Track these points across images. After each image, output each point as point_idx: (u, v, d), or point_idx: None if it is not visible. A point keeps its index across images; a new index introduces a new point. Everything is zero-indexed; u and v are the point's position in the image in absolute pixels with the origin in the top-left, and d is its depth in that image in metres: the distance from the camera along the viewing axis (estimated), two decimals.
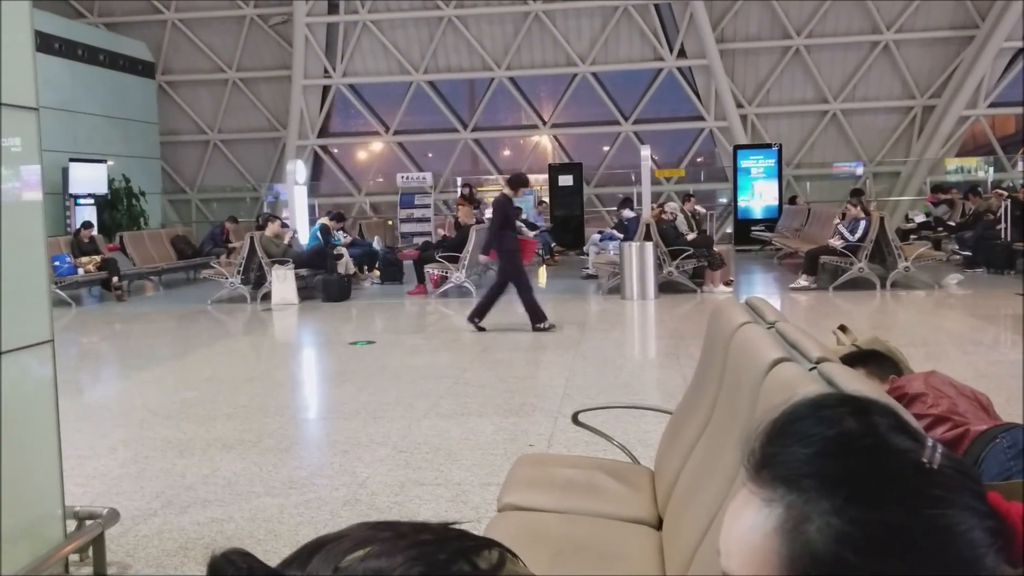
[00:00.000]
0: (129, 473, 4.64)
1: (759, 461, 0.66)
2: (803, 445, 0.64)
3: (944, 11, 19.37)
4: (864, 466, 0.62)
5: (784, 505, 0.63)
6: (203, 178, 22.47)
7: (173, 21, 21.13)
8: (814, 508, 0.61)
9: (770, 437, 0.67)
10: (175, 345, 9.39)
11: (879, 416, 0.66)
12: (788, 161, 20.03)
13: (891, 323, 9.37)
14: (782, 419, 0.67)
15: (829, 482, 0.62)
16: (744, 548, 0.64)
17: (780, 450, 0.65)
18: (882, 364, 2.71)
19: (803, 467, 0.63)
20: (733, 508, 0.67)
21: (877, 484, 0.61)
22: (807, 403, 0.68)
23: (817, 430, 0.65)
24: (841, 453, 0.63)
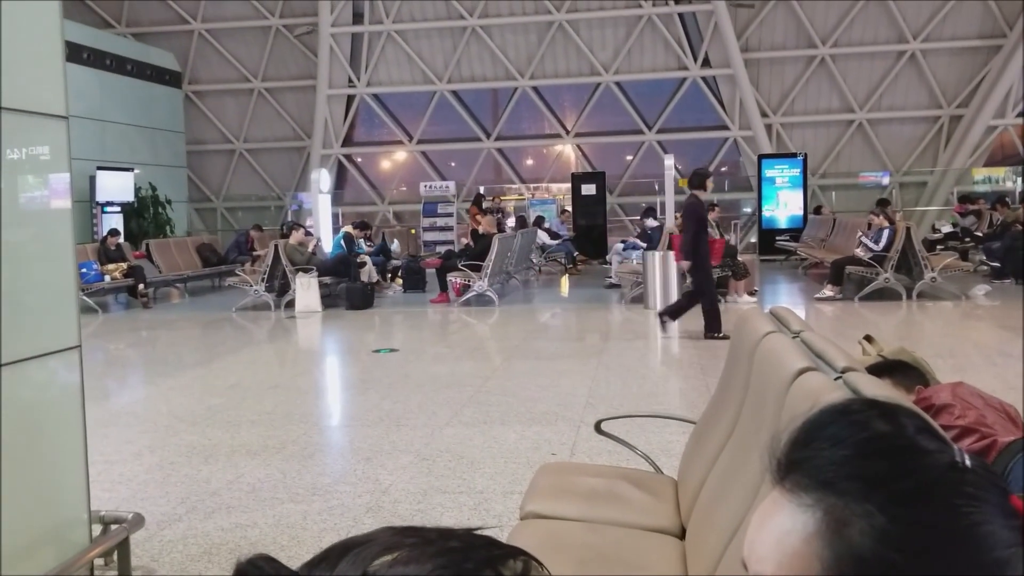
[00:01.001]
0: (154, 478, 4.68)
1: (788, 466, 0.66)
2: (836, 448, 0.64)
3: (971, 20, 19.21)
4: (902, 465, 0.62)
5: (823, 509, 0.62)
6: (228, 187, 22.67)
7: (200, 31, 21.38)
8: (855, 510, 0.61)
9: (798, 443, 0.67)
10: (200, 352, 9.46)
11: (906, 418, 0.66)
12: (813, 171, 19.90)
13: (918, 334, 9.27)
14: (809, 424, 0.67)
15: (868, 483, 0.62)
16: (781, 553, 0.64)
17: (811, 454, 0.65)
18: (908, 374, 2.68)
19: (839, 469, 0.63)
20: (761, 515, 0.67)
21: (916, 483, 0.61)
22: (833, 408, 0.68)
23: (849, 433, 0.65)
24: (877, 454, 0.63)
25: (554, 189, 21.90)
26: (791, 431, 0.68)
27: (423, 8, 20.50)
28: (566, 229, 18.81)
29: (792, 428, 0.68)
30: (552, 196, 21.33)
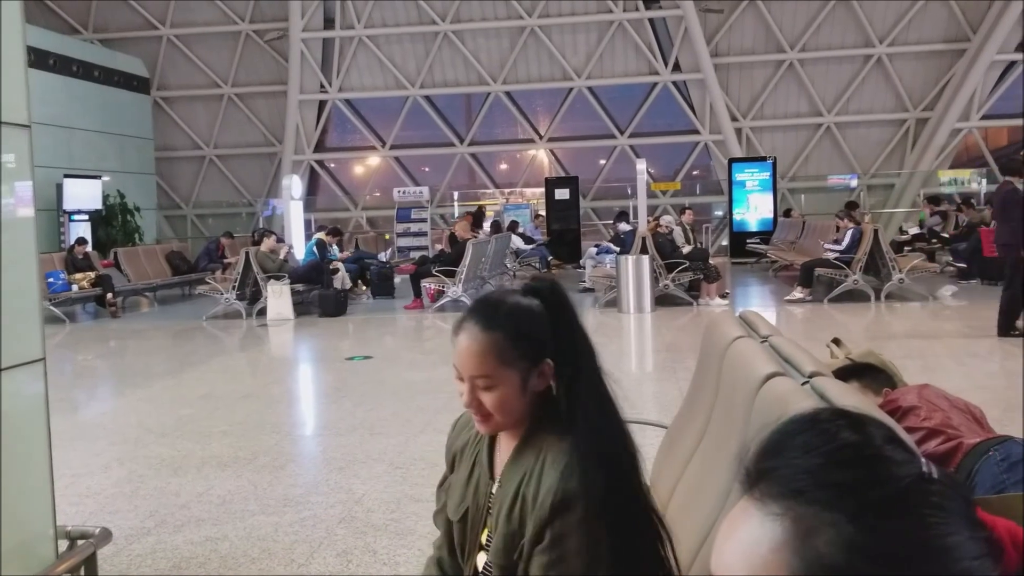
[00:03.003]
0: (123, 492, 4.61)
1: (757, 475, 0.66)
2: (805, 458, 0.64)
3: (936, 24, 19.49)
4: (870, 475, 0.63)
5: (791, 518, 0.62)
6: (198, 193, 22.48)
7: (168, 37, 21.20)
8: (823, 519, 0.61)
9: (766, 452, 0.67)
10: (170, 362, 9.36)
11: (874, 428, 0.66)
12: (783, 174, 20.09)
13: (886, 335, 9.36)
14: (778, 434, 0.67)
15: (835, 493, 0.62)
16: (749, 562, 0.64)
17: (780, 464, 0.65)
18: (876, 377, 2.71)
19: (808, 479, 0.63)
20: (729, 523, 0.67)
21: (885, 493, 0.62)
22: (803, 418, 0.68)
23: (818, 442, 0.65)
24: (845, 463, 0.63)
25: (528, 194, 21.94)
26: (760, 440, 0.68)
27: (395, 13, 20.46)
28: (540, 234, 18.84)
29: (761, 437, 0.68)
30: (526, 201, 21.37)
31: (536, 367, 1.56)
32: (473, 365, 1.54)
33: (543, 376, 1.57)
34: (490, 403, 1.55)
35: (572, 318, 1.62)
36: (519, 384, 1.55)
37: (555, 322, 1.58)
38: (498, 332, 1.53)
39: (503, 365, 1.53)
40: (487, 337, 1.53)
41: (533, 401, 1.58)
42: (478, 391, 1.55)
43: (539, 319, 1.57)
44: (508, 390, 1.54)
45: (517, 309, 1.57)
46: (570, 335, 1.59)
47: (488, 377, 1.54)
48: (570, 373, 1.57)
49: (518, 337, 1.54)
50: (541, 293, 1.60)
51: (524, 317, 1.56)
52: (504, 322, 1.54)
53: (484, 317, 1.56)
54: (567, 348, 1.58)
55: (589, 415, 1.55)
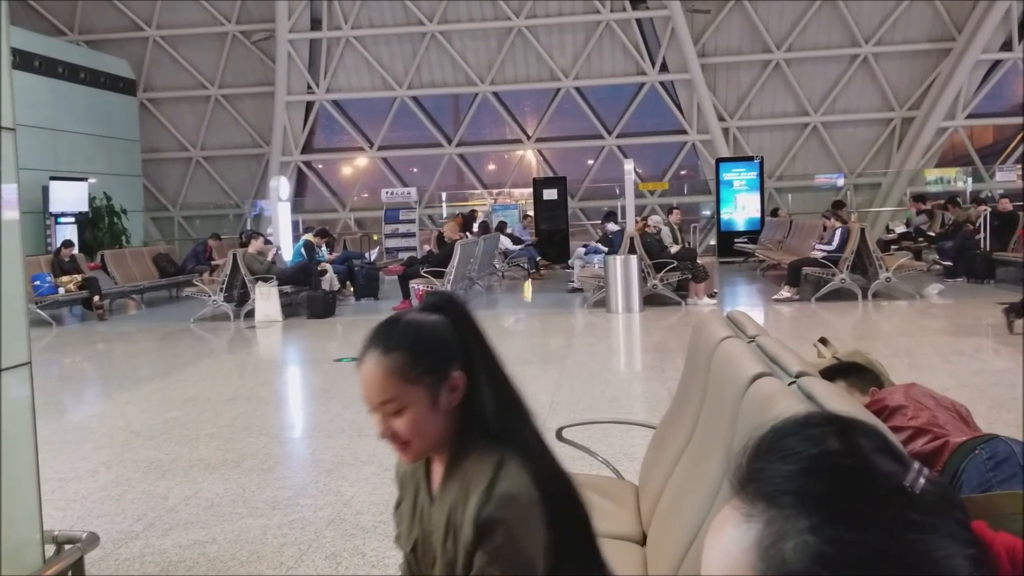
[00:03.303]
0: (110, 496, 4.59)
1: (744, 476, 0.66)
2: (786, 462, 0.64)
3: (922, 24, 19.60)
4: (844, 486, 0.62)
5: (763, 521, 0.62)
6: (185, 195, 22.39)
7: (155, 38, 21.11)
8: (792, 525, 0.61)
9: (757, 453, 0.67)
10: (158, 364, 9.32)
11: (864, 437, 0.65)
12: (770, 173, 20.16)
13: (874, 333, 9.41)
14: (769, 435, 0.67)
15: (808, 500, 0.61)
16: (722, 562, 0.64)
17: (765, 466, 0.65)
18: (862, 376, 2.72)
19: (784, 484, 0.63)
20: (716, 522, 0.67)
21: (856, 505, 0.61)
22: (794, 421, 0.68)
23: (801, 448, 0.65)
24: (822, 472, 0.63)
25: (516, 194, 21.94)
26: (751, 440, 0.68)
27: (382, 14, 20.43)
28: (528, 234, 18.85)
29: (753, 437, 0.68)
30: (514, 201, 21.37)
31: (444, 380, 1.50)
32: (377, 390, 1.49)
33: (455, 389, 1.51)
34: (403, 429, 1.49)
35: (475, 327, 1.57)
36: (429, 402, 1.49)
37: (459, 333, 1.54)
38: (397, 351, 1.49)
39: (408, 384, 1.48)
40: (387, 359, 1.49)
41: (451, 418, 1.52)
42: (389, 418, 1.50)
43: (441, 331, 1.53)
44: (419, 410, 1.48)
45: (415, 325, 1.53)
46: (476, 344, 1.55)
47: (395, 400, 1.48)
48: (481, 382, 1.52)
49: (419, 352, 1.49)
50: (441, 307, 1.56)
51: (424, 331, 1.52)
52: (402, 340, 1.50)
53: (382, 340, 1.52)
54: (475, 357, 1.53)
55: (505, 424, 1.51)
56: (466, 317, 1.57)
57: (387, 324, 1.56)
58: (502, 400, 1.53)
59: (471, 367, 1.52)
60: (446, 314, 1.55)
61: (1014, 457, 2.15)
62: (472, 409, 1.52)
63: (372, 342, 1.53)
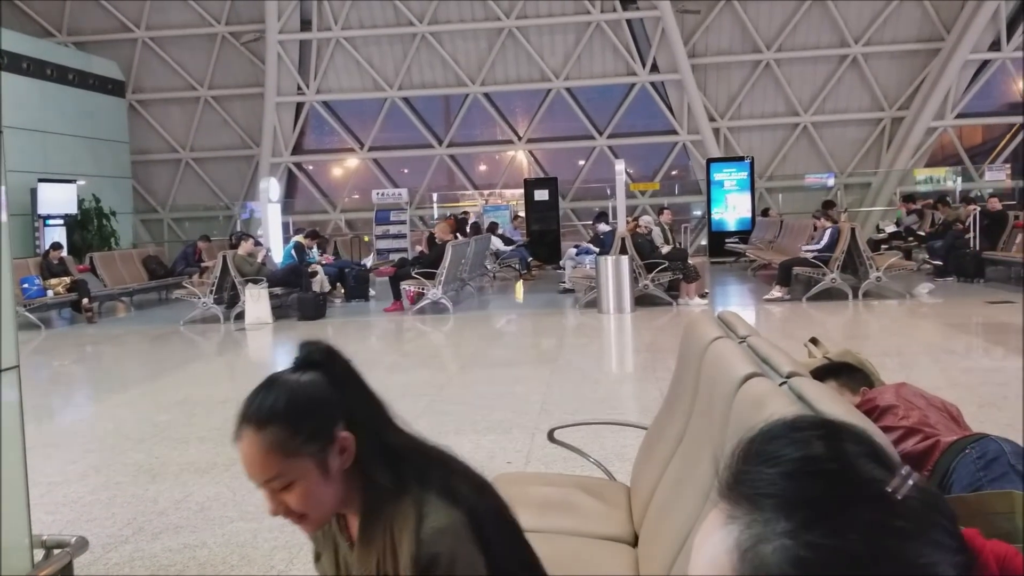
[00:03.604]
0: (100, 499, 4.56)
1: (730, 479, 0.66)
2: (769, 465, 0.64)
3: (911, 24, 19.68)
4: (825, 490, 0.61)
5: (745, 523, 0.62)
6: (175, 197, 22.32)
7: (143, 39, 21.03)
8: (772, 528, 0.61)
9: (743, 455, 0.67)
10: (147, 367, 9.29)
11: (850, 442, 0.65)
12: (760, 174, 20.21)
13: (864, 333, 9.44)
14: (755, 438, 0.67)
15: (788, 504, 0.61)
16: (706, 563, 0.64)
17: (749, 469, 0.65)
18: (853, 376, 2.73)
19: (766, 487, 0.63)
20: (705, 524, 0.67)
21: (836, 510, 0.60)
22: (781, 424, 0.68)
23: (785, 451, 0.65)
24: (804, 475, 0.63)
25: (507, 195, 21.94)
26: (740, 441, 0.68)
27: (372, 15, 20.41)
28: (520, 235, 18.85)
29: (742, 438, 0.68)
30: (505, 202, 21.37)
31: (331, 444, 1.40)
32: (259, 470, 1.38)
33: (344, 450, 1.42)
34: (296, 503, 1.40)
35: (354, 378, 1.49)
36: (318, 471, 1.39)
37: (338, 388, 1.44)
38: (273, 425, 1.37)
39: (290, 458, 1.37)
40: (263, 436, 1.37)
41: (349, 476, 1.43)
42: (278, 495, 1.40)
43: (317, 392, 1.42)
44: (308, 482, 1.39)
45: (288, 392, 1.41)
46: (357, 397, 1.46)
47: (280, 477, 1.38)
48: (369, 436, 1.44)
49: (297, 421, 1.38)
50: (316, 362, 1.46)
51: (298, 396, 1.40)
52: (276, 411, 1.38)
53: (255, 415, 1.39)
54: (361, 410, 1.45)
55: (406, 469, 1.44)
56: (343, 369, 1.47)
57: (258, 394, 1.42)
58: (394, 448, 1.45)
59: (356, 422, 1.43)
60: (321, 369, 1.45)
61: (1004, 456, 2.16)
62: (369, 463, 1.43)
63: (244, 417, 1.40)
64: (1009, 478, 2.09)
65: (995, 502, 1.86)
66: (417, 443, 1.51)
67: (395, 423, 1.51)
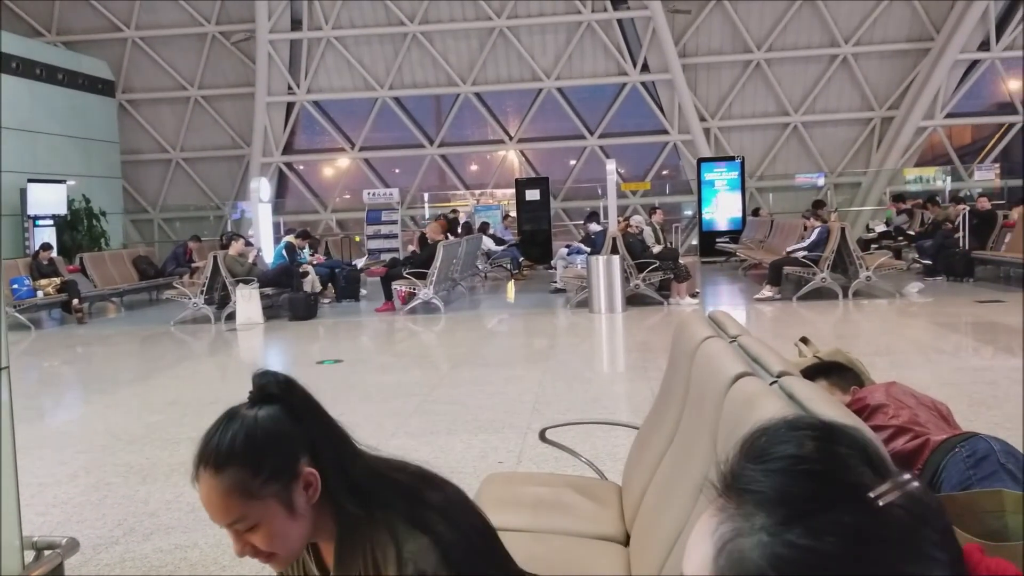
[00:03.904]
0: (90, 500, 4.55)
1: (725, 474, 0.67)
2: (760, 461, 0.65)
3: (900, 24, 19.77)
4: (807, 490, 0.62)
5: (728, 515, 0.63)
6: (165, 197, 22.25)
7: (133, 39, 20.96)
8: (752, 523, 0.62)
9: (740, 451, 0.67)
10: (138, 368, 9.26)
11: (844, 445, 0.65)
12: (751, 173, 20.26)
13: (854, 332, 9.47)
14: (755, 434, 0.68)
15: (771, 500, 0.62)
16: (694, 556, 0.65)
17: (743, 464, 0.66)
18: (843, 375, 2.74)
19: (752, 482, 0.64)
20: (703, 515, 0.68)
21: (815, 511, 0.61)
22: (781, 422, 0.68)
23: (777, 448, 0.65)
24: (789, 473, 0.63)
25: (499, 195, 21.95)
26: (740, 440, 0.68)
27: (363, 14, 20.38)
28: (511, 235, 18.85)
29: (744, 436, 0.68)
30: (497, 202, 21.37)
31: (295, 481, 1.35)
32: (220, 514, 1.33)
33: (309, 485, 1.36)
34: (263, 543, 1.34)
35: (314, 409, 1.43)
36: (283, 510, 1.34)
37: (298, 420, 1.38)
38: (231, 467, 1.32)
39: (253, 500, 1.32)
40: (222, 479, 1.32)
41: (317, 510, 1.38)
42: (243, 536, 1.35)
43: (276, 427, 1.36)
44: (274, 523, 1.33)
45: (246, 430, 1.34)
46: (319, 429, 1.40)
47: (243, 519, 1.33)
48: (336, 466, 1.38)
49: (257, 460, 1.32)
50: (272, 395, 1.39)
51: (256, 434, 1.34)
52: (234, 451, 1.32)
53: (213, 456, 1.33)
54: (323, 442, 1.39)
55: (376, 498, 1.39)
56: (302, 401, 1.41)
57: (215, 432, 1.36)
58: (359, 479, 1.40)
59: (319, 455, 1.38)
60: (279, 402, 1.39)
61: (993, 455, 2.17)
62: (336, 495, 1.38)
63: (201, 459, 1.34)
64: (998, 476, 2.10)
65: (984, 500, 1.87)
66: (383, 471, 1.45)
67: (359, 452, 1.45)
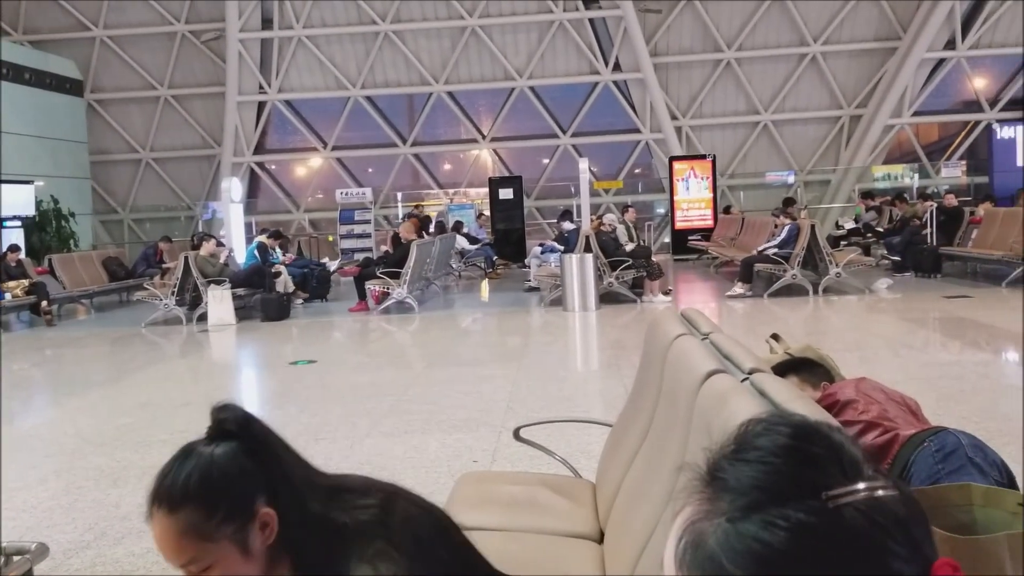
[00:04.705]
0: (60, 504, 4.50)
1: (710, 459, 0.68)
2: (735, 452, 0.66)
3: (868, 23, 19.99)
4: (770, 484, 0.63)
5: (698, 499, 0.65)
6: (135, 197, 22.03)
7: (102, 38, 20.72)
8: (715, 507, 0.63)
9: (720, 448, 0.68)
10: (108, 370, 9.15)
11: (818, 446, 0.65)
12: (722, 171, 20.40)
13: (825, 328, 9.57)
14: (741, 427, 0.69)
15: (735, 489, 0.63)
16: (670, 548, 0.67)
17: (722, 454, 0.67)
18: (814, 372, 2.77)
19: (723, 471, 0.65)
20: None
21: (773, 504, 0.61)
22: (763, 417, 0.70)
23: (753, 441, 0.67)
24: (756, 465, 0.64)
25: (472, 194, 21.94)
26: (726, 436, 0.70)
27: (334, 13, 20.29)
28: (485, 233, 18.84)
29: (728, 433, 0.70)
30: (470, 201, 21.36)
31: (251, 522, 1.30)
32: (174, 555, 1.29)
33: (266, 526, 1.31)
34: None
35: (275, 445, 1.38)
36: (238, 552, 1.29)
37: (256, 458, 1.33)
38: (185, 507, 1.28)
39: (207, 541, 1.28)
40: (176, 519, 1.28)
41: (275, 549, 1.33)
42: None
43: (233, 466, 1.31)
44: (228, 564, 1.29)
45: (202, 469, 1.30)
46: (277, 467, 1.35)
47: (197, 560, 1.29)
48: (294, 506, 1.33)
49: (212, 501, 1.28)
50: (229, 432, 1.33)
51: (212, 473, 1.29)
52: (188, 491, 1.28)
53: (166, 496, 1.29)
54: (282, 482, 1.34)
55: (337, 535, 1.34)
56: (261, 437, 1.36)
57: (170, 470, 1.31)
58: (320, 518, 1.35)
59: (277, 495, 1.33)
60: (237, 439, 1.33)
61: (962, 449, 2.20)
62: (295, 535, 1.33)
63: (156, 498, 1.30)
64: (966, 470, 2.14)
65: (953, 494, 1.90)
66: (346, 504, 1.39)
67: (320, 485, 1.41)
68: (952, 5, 19.10)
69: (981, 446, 2.26)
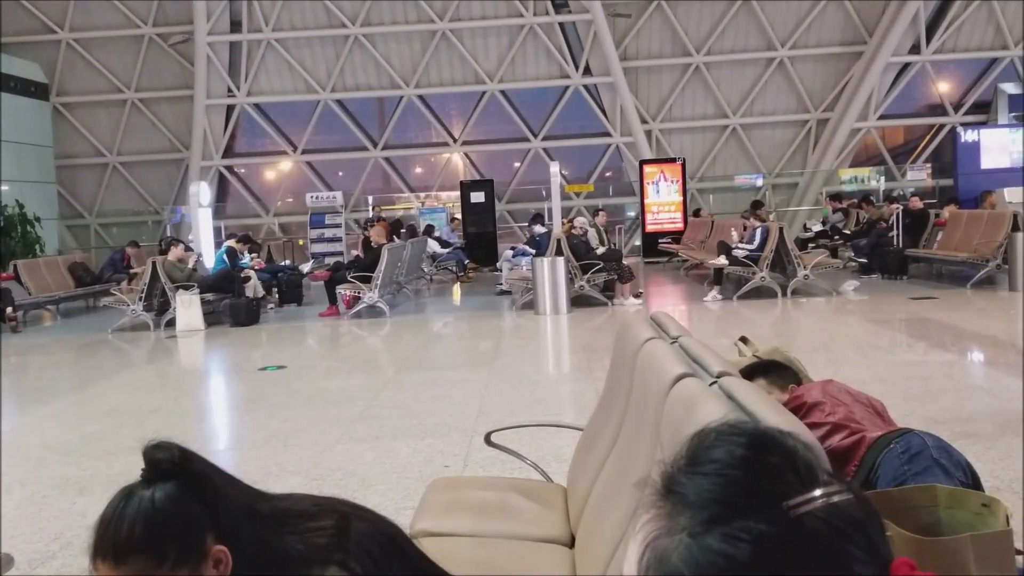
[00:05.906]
0: (25, 515, 4.42)
1: (665, 473, 0.68)
2: (690, 465, 0.66)
3: (834, 28, 20.23)
4: (728, 496, 0.63)
5: (657, 515, 0.65)
6: (102, 202, 21.75)
7: (68, 41, 20.45)
8: (676, 523, 0.63)
9: (683, 453, 0.68)
10: (74, 377, 9.03)
11: (774, 454, 0.66)
12: (691, 175, 20.53)
13: (793, 330, 9.66)
14: (694, 438, 0.69)
15: (695, 503, 0.63)
16: (630, 551, 0.67)
17: (678, 466, 0.67)
18: (782, 374, 2.80)
19: (680, 485, 0.65)
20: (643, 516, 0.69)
21: (733, 516, 0.62)
22: (715, 428, 0.69)
23: (708, 454, 0.66)
24: (714, 477, 0.64)
25: (444, 197, 21.91)
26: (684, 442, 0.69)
27: (303, 16, 20.18)
28: (456, 237, 18.82)
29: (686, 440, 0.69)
30: (442, 204, 21.33)
31: (203, 562, 1.26)
32: None
33: (220, 563, 1.27)
34: None
35: (218, 479, 1.34)
36: None
37: (199, 495, 1.28)
38: (132, 558, 1.23)
39: None
40: (123, 571, 1.24)
41: None
42: None
43: (178, 508, 1.26)
44: None
45: (144, 516, 1.25)
46: (226, 500, 1.31)
47: None
48: (247, 538, 1.30)
49: (159, 550, 1.23)
50: (167, 472, 1.29)
51: (155, 518, 1.25)
52: (135, 543, 1.24)
53: (111, 549, 1.24)
54: (230, 516, 1.30)
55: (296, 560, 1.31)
56: (199, 472, 1.31)
57: (110, 522, 1.26)
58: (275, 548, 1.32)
59: (227, 529, 1.29)
60: (176, 478, 1.29)
61: (927, 450, 2.24)
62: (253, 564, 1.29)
63: (99, 552, 1.25)
64: (932, 472, 2.17)
65: (918, 496, 1.92)
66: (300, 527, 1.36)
67: (271, 511, 1.37)
68: (917, 9, 19.38)
69: (946, 447, 2.29)
